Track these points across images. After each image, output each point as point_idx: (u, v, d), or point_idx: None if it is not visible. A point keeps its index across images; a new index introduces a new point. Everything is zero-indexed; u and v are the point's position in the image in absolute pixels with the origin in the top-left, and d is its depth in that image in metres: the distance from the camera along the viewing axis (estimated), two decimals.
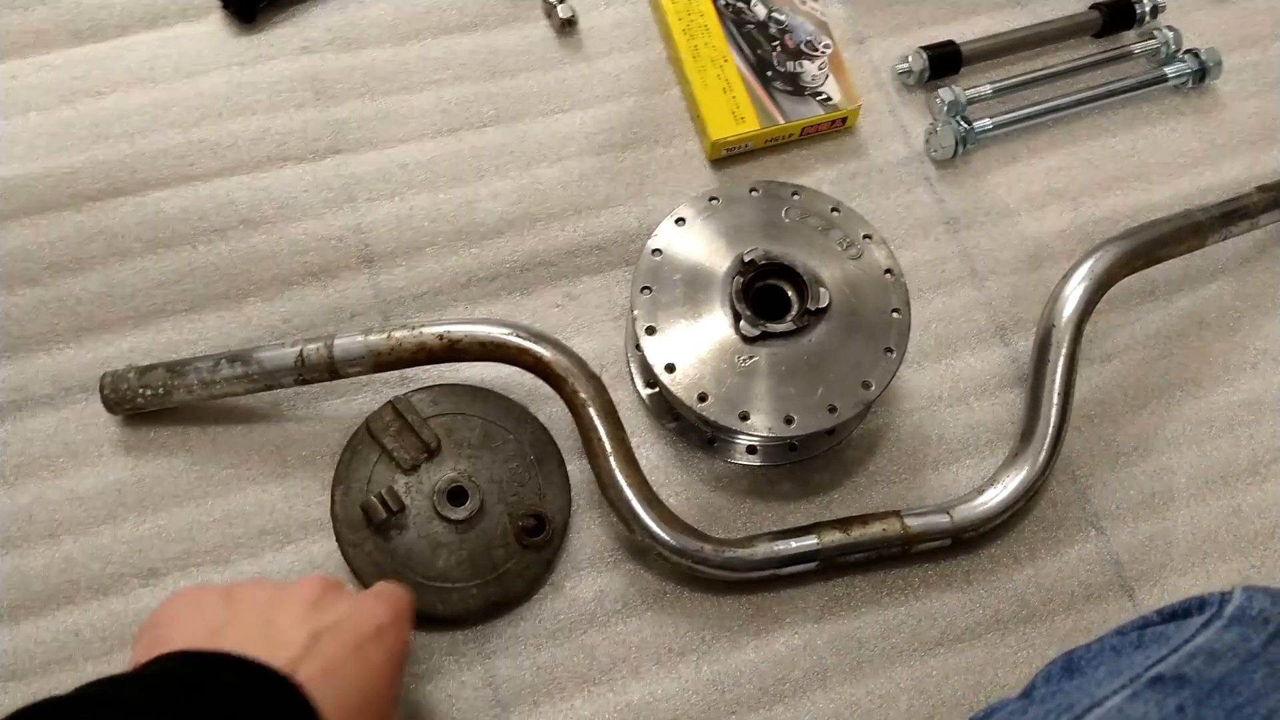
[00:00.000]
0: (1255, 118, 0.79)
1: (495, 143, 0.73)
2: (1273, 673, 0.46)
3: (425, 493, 0.61)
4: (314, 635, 0.44)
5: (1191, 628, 0.49)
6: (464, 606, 0.60)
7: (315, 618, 0.45)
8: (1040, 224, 0.74)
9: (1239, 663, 0.46)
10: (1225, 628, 0.48)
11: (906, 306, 0.63)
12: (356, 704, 0.43)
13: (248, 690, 0.41)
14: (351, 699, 0.43)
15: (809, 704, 0.60)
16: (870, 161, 0.75)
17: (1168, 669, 0.47)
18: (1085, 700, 0.47)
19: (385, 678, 0.46)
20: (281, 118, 0.71)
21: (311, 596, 0.47)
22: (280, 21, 0.75)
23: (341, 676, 0.43)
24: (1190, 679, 0.46)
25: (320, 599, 0.47)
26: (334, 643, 0.44)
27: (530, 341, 0.60)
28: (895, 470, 0.67)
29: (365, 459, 0.62)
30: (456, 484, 0.61)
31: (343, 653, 0.44)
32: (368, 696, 0.44)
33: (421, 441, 0.62)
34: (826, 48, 0.75)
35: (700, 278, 0.63)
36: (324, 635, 0.44)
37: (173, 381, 0.62)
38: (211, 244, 0.68)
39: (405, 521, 0.61)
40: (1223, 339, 0.71)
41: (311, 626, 0.45)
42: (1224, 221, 0.69)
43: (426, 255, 0.69)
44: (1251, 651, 0.47)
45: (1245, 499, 0.67)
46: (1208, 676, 0.46)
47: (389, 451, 0.62)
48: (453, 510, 0.61)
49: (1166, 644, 0.49)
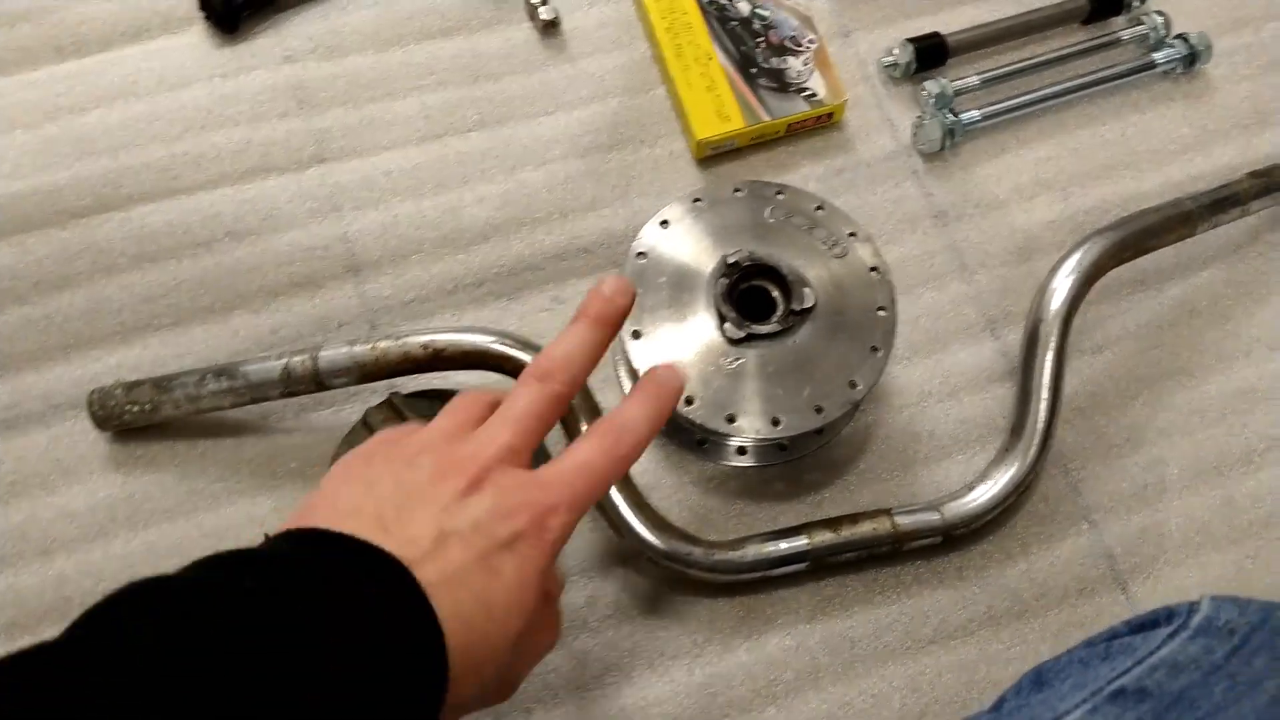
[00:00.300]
0: (1247, 101, 0.78)
1: (480, 147, 0.72)
2: (1233, 685, 0.46)
3: None
4: (442, 536, 0.41)
5: (1158, 639, 0.49)
6: None
7: (447, 517, 0.41)
8: (1030, 215, 0.74)
9: (1201, 675, 0.46)
10: (1191, 639, 0.48)
11: (892, 304, 0.63)
12: (477, 616, 0.40)
13: (369, 581, 0.39)
14: (471, 611, 0.40)
15: (802, 705, 0.60)
16: (857, 156, 0.75)
17: (1130, 682, 0.47)
18: (1047, 714, 0.47)
19: (512, 590, 0.41)
20: (264, 128, 0.71)
21: (454, 490, 0.42)
22: (262, 31, 0.75)
23: (461, 586, 0.40)
24: (1151, 692, 0.46)
25: (463, 494, 0.42)
26: (460, 548, 0.41)
27: (514, 349, 0.60)
28: (886, 468, 0.66)
29: None
30: None
31: (468, 560, 0.40)
32: (490, 607, 0.40)
33: None
34: (811, 43, 0.75)
35: (685, 280, 0.63)
36: (452, 538, 0.41)
37: (159, 397, 0.62)
38: (197, 257, 0.68)
39: None
40: (1214, 327, 0.71)
41: (441, 526, 0.41)
42: (1214, 210, 0.68)
43: (413, 263, 0.69)
44: (1214, 664, 0.47)
45: (1239, 488, 0.67)
46: (1169, 689, 0.46)
47: None
48: None
49: (1132, 656, 0.49)
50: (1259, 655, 0.47)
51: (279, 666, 0.35)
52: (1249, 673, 0.46)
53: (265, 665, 0.35)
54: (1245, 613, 0.49)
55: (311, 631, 0.36)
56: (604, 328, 0.48)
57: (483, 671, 0.41)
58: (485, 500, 0.42)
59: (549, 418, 0.46)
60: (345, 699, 0.36)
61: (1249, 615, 0.49)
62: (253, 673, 0.34)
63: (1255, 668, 0.46)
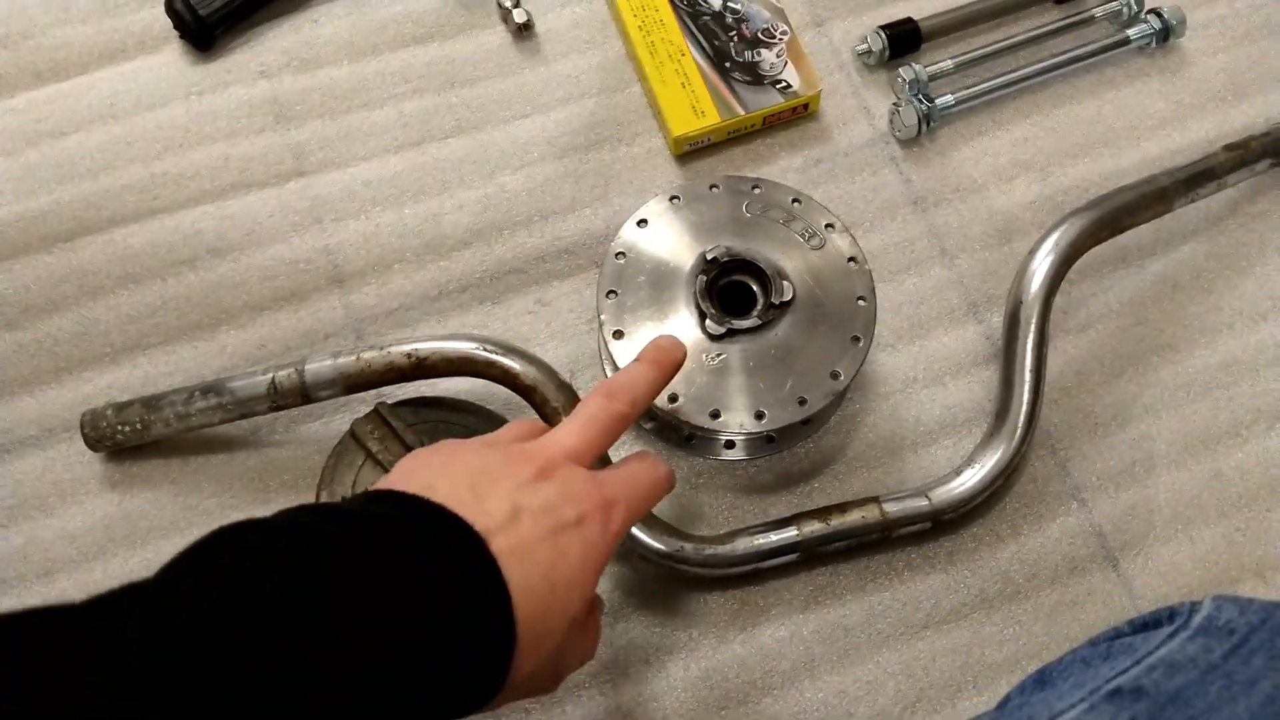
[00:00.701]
0: (1223, 74, 0.78)
1: (458, 153, 0.73)
2: (1229, 684, 0.46)
3: None
4: (515, 512, 0.43)
5: (1158, 639, 0.49)
6: None
7: (520, 495, 0.44)
8: (1009, 197, 0.74)
9: (1198, 674, 0.46)
10: (1190, 639, 0.48)
11: (872, 294, 0.63)
12: (542, 590, 0.42)
13: (445, 542, 0.41)
14: (537, 585, 0.41)
15: (797, 695, 0.61)
16: (835, 146, 0.75)
17: (1127, 681, 0.47)
18: (1045, 713, 0.47)
19: (575, 570, 0.43)
20: (243, 144, 0.72)
21: (525, 475, 0.45)
22: (237, 47, 0.75)
23: (529, 559, 0.42)
24: (1147, 691, 0.46)
25: (532, 480, 0.45)
26: (532, 524, 0.43)
27: (497, 354, 0.61)
28: (874, 456, 0.67)
29: (350, 464, 0.63)
30: None
31: (538, 536, 0.43)
32: (554, 585, 0.42)
33: (406, 446, 0.62)
34: (784, 34, 0.75)
35: (664, 278, 0.63)
36: (524, 515, 0.43)
37: (149, 416, 0.63)
38: (181, 275, 0.69)
39: None
40: (1197, 301, 0.71)
41: (514, 501, 0.43)
42: (1190, 185, 0.68)
43: (395, 272, 0.69)
44: (1212, 663, 0.47)
45: (1226, 462, 0.67)
46: (1165, 689, 0.46)
47: (374, 455, 0.62)
48: None
49: (1132, 655, 0.49)
50: (1257, 655, 0.47)
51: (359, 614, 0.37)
52: (1246, 672, 0.46)
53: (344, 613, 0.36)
54: (1246, 612, 0.48)
55: (391, 583, 0.38)
56: (661, 369, 0.53)
57: (541, 648, 0.42)
58: (554, 486, 0.45)
59: (612, 431, 0.50)
60: (422, 651, 0.38)
61: (1250, 615, 0.48)
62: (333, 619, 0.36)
63: (1252, 667, 0.46)
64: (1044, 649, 0.62)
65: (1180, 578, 0.64)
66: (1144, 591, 0.64)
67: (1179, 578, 0.64)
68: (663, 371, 0.53)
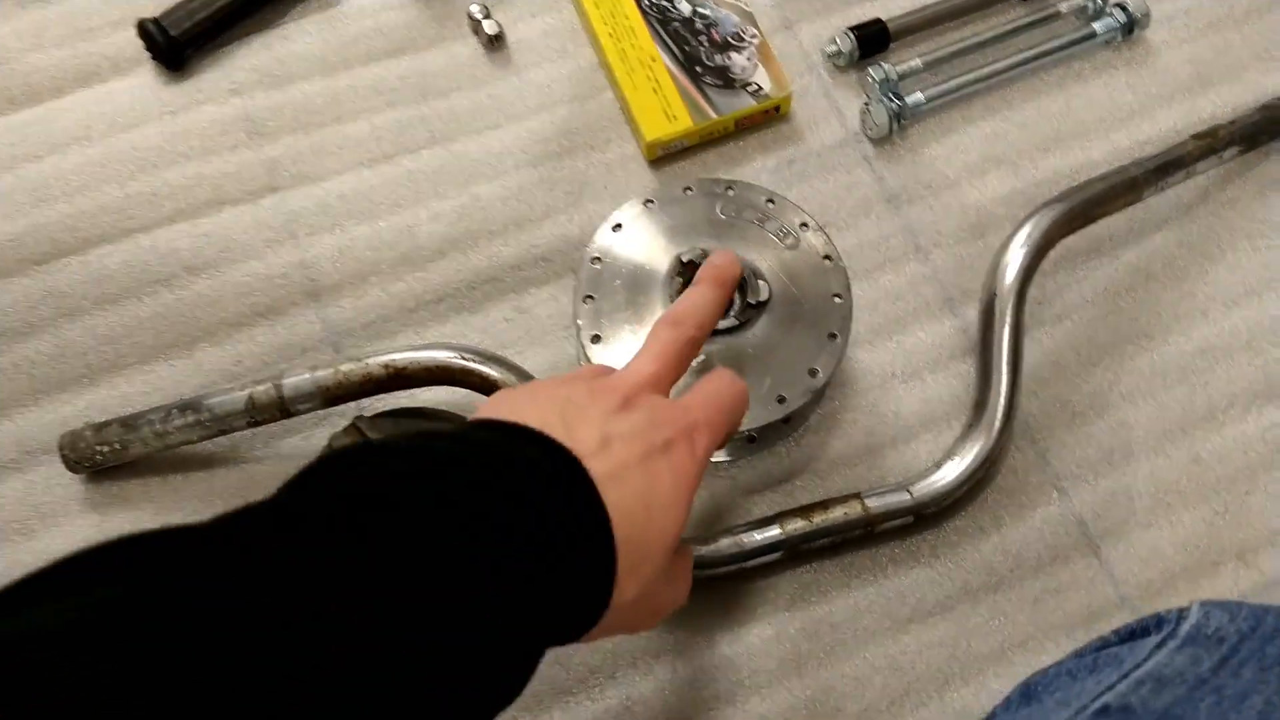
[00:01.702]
0: (1189, 64, 0.79)
1: (432, 165, 0.73)
2: (1219, 701, 0.45)
3: None
4: (605, 439, 0.43)
5: (1146, 649, 0.48)
6: None
7: (608, 423, 0.44)
8: (981, 192, 0.74)
9: (1186, 690, 0.45)
10: (1179, 649, 0.47)
11: (847, 291, 0.64)
12: (639, 512, 0.42)
13: (542, 459, 0.41)
14: (633, 506, 0.42)
15: (785, 693, 0.61)
16: (808, 147, 0.75)
17: (1114, 699, 0.46)
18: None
19: (669, 493, 0.44)
20: (216, 161, 0.72)
21: (611, 404, 0.45)
22: (208, 66, 0.75)
23: (624, 482, 0.42)
24: (1135, 710, 0.45)
25: (617, 409, 0.45)
26: (623, 449, 0.43)
27: (474, 362, 0.61)
28: (855, 452, 0.67)
29: None
30: None
31: (630, 460, 0.43)
32: (650, 508, 0.43)
33: None
34: (754, 38, 0.75)
35: (641, 282, 0.63)
36: (614, 441, 0.43)
37: (127, 436, 0.63)
38: (157, 294, 0.69)
39: None
40: (1170, 289, 0.72)
41: (604, 430, 0.44)
42: (1159, 174, 0.69)
43: (371, 284, 0.70)
44: (1200, 677, 0.46)
45: (1204, 446, 0.67)
46: (1153, 707, 0.45)
47: None
48: None
49: (1119, 668, 0.48)
50: (1247, 666, 0.46)
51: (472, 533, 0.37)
52: (1236, 686, 0.45)
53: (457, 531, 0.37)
54: (1235, 619, 0.48)
55: (500, 501, 0.38)
56: (721, 288, 0.55)
57: (641, 573, 0.43)
58: (639, 414, 0.46)
59: (685, 357, 0.51)
60: (532, 568, 0.38)
61: (1239, 622, 0.48)
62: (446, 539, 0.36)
63: (1243, 680, 0.45)
64: (1029, 638, 0.62)
65: (1162, 563, 0.64)
66: (1126, 577, 0.64)
67: (1160, 563, 0.64)
68: (724, 289, 0.55)
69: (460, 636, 0.36)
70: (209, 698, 0.30)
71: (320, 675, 0.32)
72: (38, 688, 0.28)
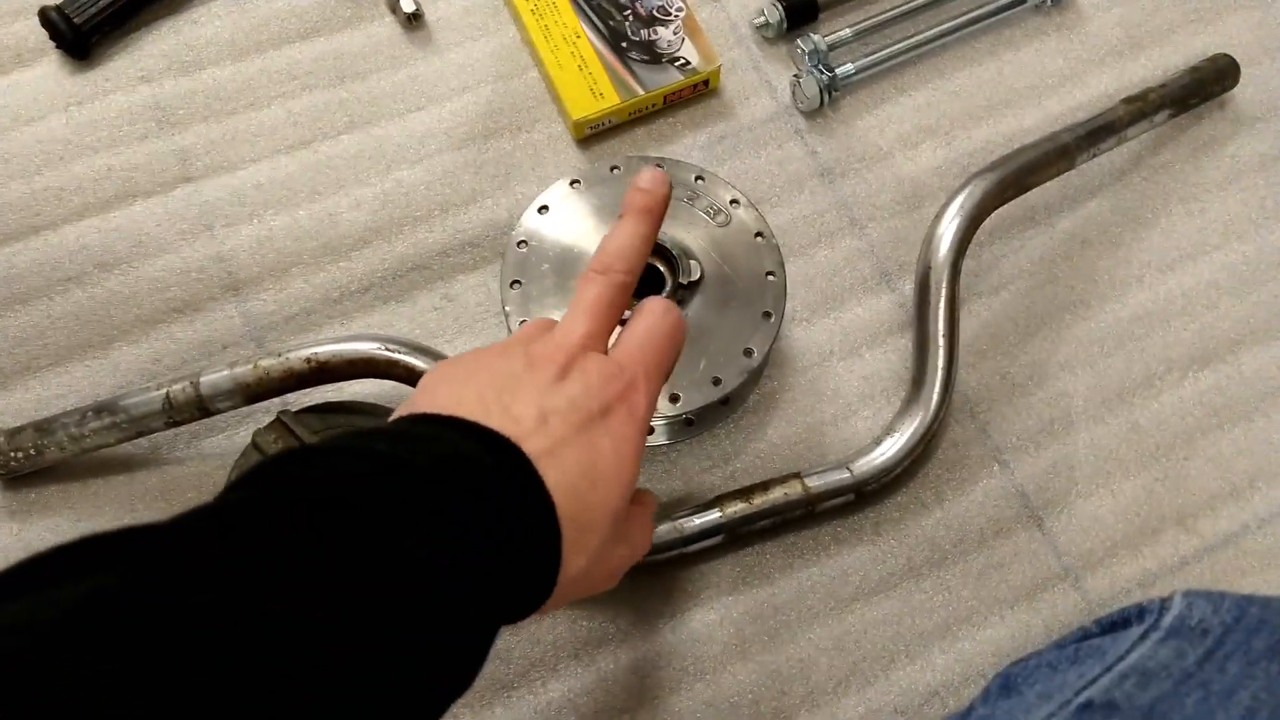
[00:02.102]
0: (1118, 28, 0.78)
1: (352, 150, 0.71)
2: (1206, 696, 0.44)
3: None
4: (542, 414, 0.43)
5: (1128, 641, 0.47)
6: None
7: (545, 398, 0.44)
8: (915, 163, 0.73)
9: (1172, 685, 0.45)
10: (1162, 641, 0.47)
11: (781, 268, 0.62)
12: (580, 486, 0.42)
13: (482, 452, 0.41)
14: (575, 482, 0.42)
15: (730, 677, 0.60)
16: (739, 122, 0.74)
17: (1097, 693, 0.45)
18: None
19: (610, 462, 0.44)
20: (125, 152, 0.69)
21: (547, 377, 0.45)
22: (115, 54, 0.72)
23: (563, 459, 0.42)
24: (1120, 705, 0.45)
25: (554, 381, 0.45)
26: (561, 424, 0.43)
27: (399, 353, 0.59)
28: (795, 431, 0.66)
29: None
30: None
31: (568, 434, 0.43)
32: (592, 480, 0.43)
33: None
34: (679, 11, 0.74)
35: (569, 265, 0.62)
36: (551, 416, 0.43)
37: (42, 441, 0.60)
38: (69, 293, 0.66)
39: None
40: (1106, 256, 0.71)
41: (541, 405, 0.43)
42: (1091, 140, 0.68)
43: (293, 275, 0.67)
44: (1186, 671, 0.45)
45: (1143, 413, 0.67)
46: (1138, 703, 0.45)
47: None
48: None
49: (1101, 661, 0.47)
50: (1233, 660, 0.46)
51: (416, 528, 0.37)
52: (1222, 681, 0.45)
53: (402, 526, 0.37)
54: (1219, 610, 0.47)
55: (443, 495, 0.38)
56: (650, 217, 0.51)
57: (588, 544, 0.43)
58: (576, 383, 0.45)
59: (619, 304, 0.49)
60: (477, 557, 0.38)
61: (1223, 613, 0.47)
62: (392, 534, 0.36)
63: (1229, 674, 0.45)
64: (974, 613, 0.62)
65: (1103, 532, 0.64)
66: (1069, 548, 0.63)
67: (1102, 532, 0.64)
68: (652, 217, 0.51)
69: (418, 627, 0.36)
70: (190, 693, 0.29)
71: (294, 666, 0.32)
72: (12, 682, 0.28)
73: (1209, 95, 0.74)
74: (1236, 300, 0.70)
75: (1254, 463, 0.66)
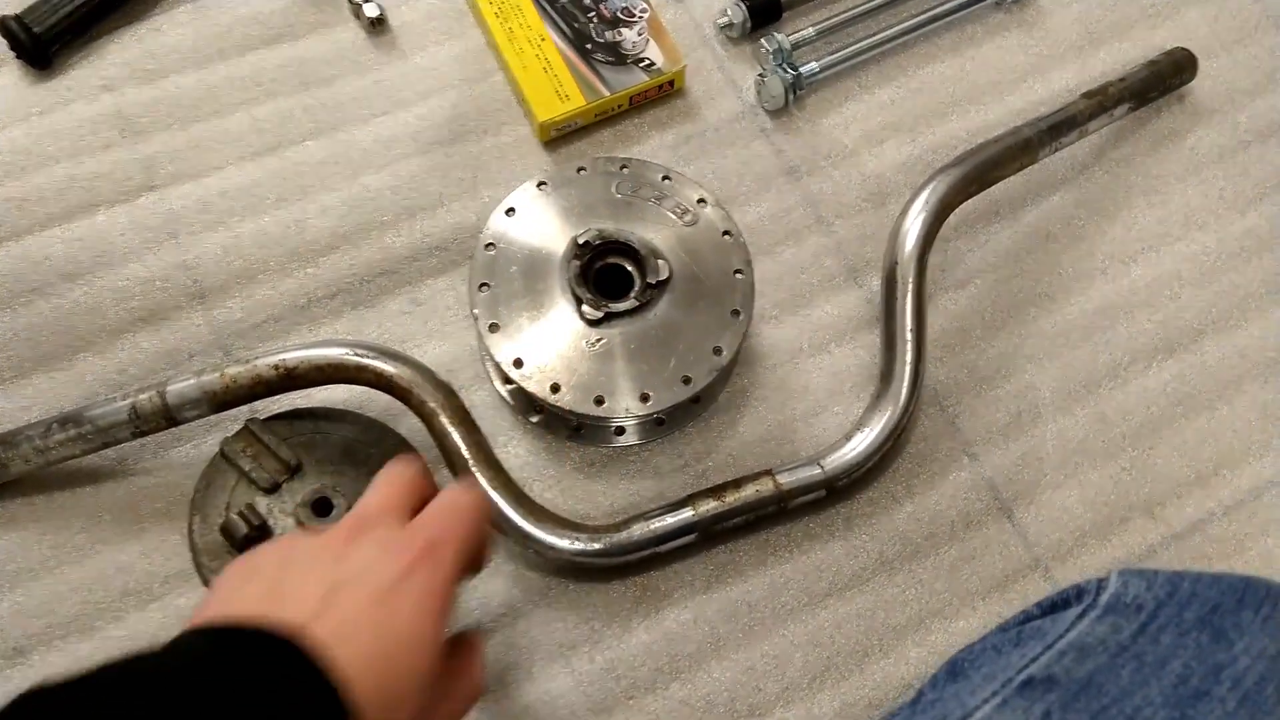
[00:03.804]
0: (1078, 23, 0.79)
1: (317, 156, 0.70)
2: (1140, 666, 0.46)
3: (289, 510, 0.59)
4: (331, 589, 0.42)
5: (1067, 620, 0.48)
6: None
7: (334, 571, 0.43)
8: (880, 160, 0.74)
9: (1107, 658, 0.46)
10: (1099, 618, 0.48)
11: (748, 266, 0.63)
12: (378, 661, 0.40)
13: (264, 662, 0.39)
14: (372, 656, 0.40)
15: (705, 676, 0.60)
16: (705, 122, 0.74)
17: (1038, 670, 0.47)
18: (958, 710, 0.47)
19: (411, 625, 0.42)
20: (88, 162, 0.69)
21: (336, 548, 0.44)
22: (76, 63, 0.72)
23: (356, 636, 0.40)
24: (1059, 680, 0.46)
25: (344, 549, 0.44)
26: (351, 597, 0.41)
27: (368, 358, 0.59)
28: (766, 429, 0.66)
29: (222, 485, 0.60)
30: (321, 494, 0.60)
31: (361, 604, 0.41)
32: (391, 650, 0.41)
33: (280, 461, 0.60)
34: (643, 12, 0.74)
35: (537, 267, 0.62)
36: (341, 590, 0.42)
37: (7, 453, 0.59)
38: (31, 304, 0.65)
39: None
40: (1070, 249, 0.72)
41: (329, 581, 0.42)
42: (1053, 134, 0.69)
43: (260, 282, 0.67)
44: (1121, 644, 0.46)
45: (1109, 404, 0.68)
46: (1076, 676, 0.46)
47: (246, 473, 0.60)
48: (320, 523, 0.59)
49: (1042, 640, 0.48)
50: (1165, 632, 0.47)
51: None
52: (1155, 652, 0.46)
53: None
54: (1153, 586, 0.48)
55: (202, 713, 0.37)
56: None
57: (400, 712, 0.41)
58: (369, 547, 0.44)
59: (419, 484, 0.49)
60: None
61: (1156, 589, 0.48)
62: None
63: (1162, 646, 0.46)
64: (946, 606, 0.62)
65: (1072, 521, 0.65)
66: (1039, 539, 0.64)
67: (1071, 522, 0.64)
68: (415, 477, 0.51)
69: None
70: None
71: None
72: None
73: (1168, 89, 0.75)
74: (1198, 290, 0.71)
75: (1218, 450, 0.67)
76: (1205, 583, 0.49)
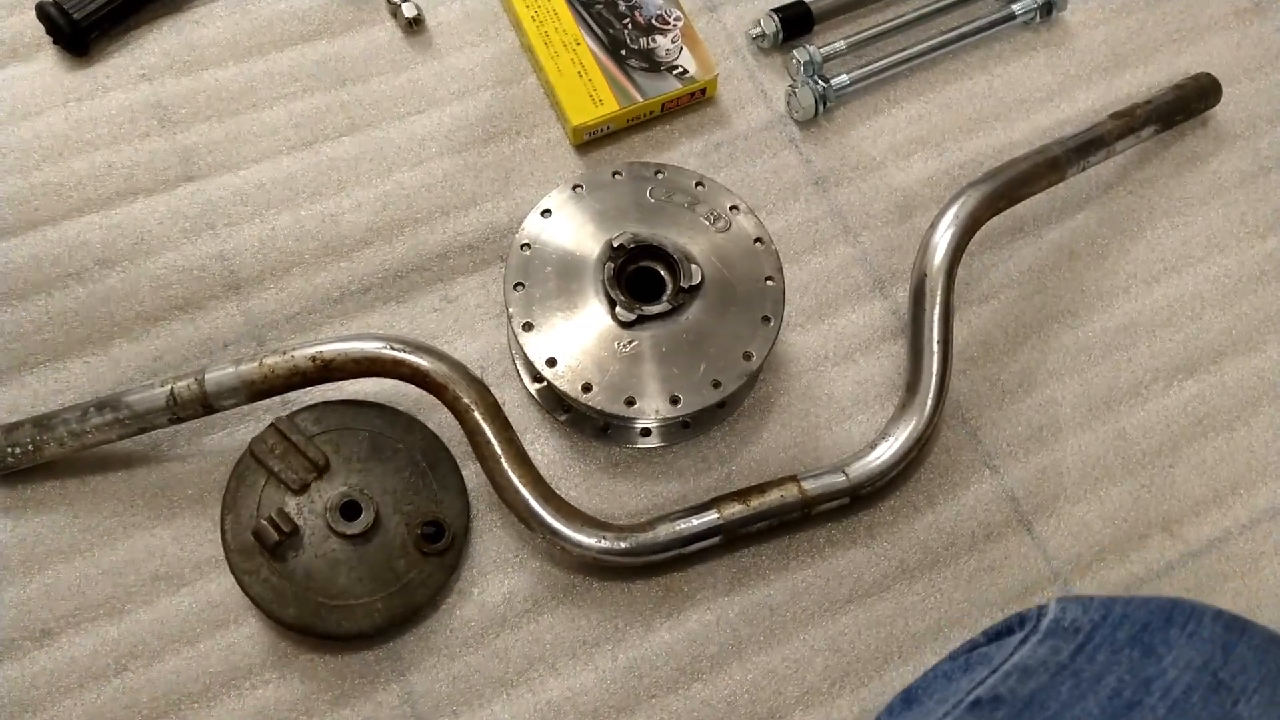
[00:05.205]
0: (1105, 45, 0.80)
1: (353, 152, 0.71)
2: (1078, 683, 0.48)
3: (318, 511, 0.60)
4: None
5: (1011, 645, 0.51)
6: (369, 622, 0.59)
7: None
8: (907, 173, 0.75)
9: (1049, 677, 0.48)
10: (1040, 642, 0.50)
11: (779, 273, 0.64)
12: None
13: None
14: None
15: (726, 678, 0.61)
16: (734, 130, 0.75)
17: (985, 691, 0.49)
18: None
19: None
20: (126, 150, 0.69)
21: None
22: (114, 51, 0.72)
23: None
24: (1005, 699, 0.48)
25: None
26: None
27: (404, 352, 0.59)
28: (790, 435, 0.67)
29: (252, 485, 0.61)
30: (349, 498, 0.60)
31: None
32: None
33: (308, 460, 0.61)
34: (678, 20, 0.75)
35: (572, 268, 0.63)
36: None
37: (41, 436, 0.60)
38: (68, 289, 0.66)
39: (300, 543, 0.59)
40: (1093, 267, 0.73)
41: None
42: (1081, 153, 0.70)
43: (294, 274, 0.68)
44: (1061, 664, 0.49)
45: (1129, 421, 0.69)
46: (1020, 695, 0.48)
47: (276, 474, 0.60)
48: (347, 525, 0.60)
49: (988, 665, 0.51)
50: (1100, 650, 0.49)
51: None
52: (1092, 669, 0.49)
53: None
54: (1089, 610, 0.51)
55: None
56: None
57: None
58: None
59: None
60: None
61: (1091, 613, 0.51)
62: None
63: (1097, 663, 0.49)
64: (965, 615, 0.63)
65: (1091, 536, 0.65)
66: (1058, 552, 0.65)
67: (1090, 536, 0.65)
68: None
69: None
70: None
71: None
72: None
73: (1192, 112, 0.76)
74: (1219, 312, 0.72)
75: (1236, 470, 0.68)
76: (1136, 605, 0.51)
